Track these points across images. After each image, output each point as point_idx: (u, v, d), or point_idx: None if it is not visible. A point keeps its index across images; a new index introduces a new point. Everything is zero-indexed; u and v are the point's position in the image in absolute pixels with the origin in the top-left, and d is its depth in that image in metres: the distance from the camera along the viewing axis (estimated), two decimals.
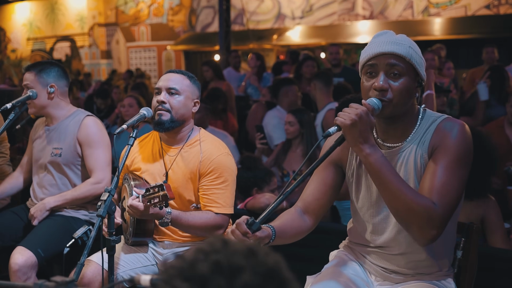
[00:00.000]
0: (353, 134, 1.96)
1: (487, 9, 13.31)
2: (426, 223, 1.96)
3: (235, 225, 2.00)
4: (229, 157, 2.86)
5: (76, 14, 20.04)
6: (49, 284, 1.44)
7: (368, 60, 2.10)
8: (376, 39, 2.12)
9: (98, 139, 3.40)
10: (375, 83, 2.06)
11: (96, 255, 2.74)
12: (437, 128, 2.08)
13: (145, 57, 18.64)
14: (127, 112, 5.48)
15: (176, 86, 2.82)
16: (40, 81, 3.40)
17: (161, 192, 2.41)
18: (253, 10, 16.22)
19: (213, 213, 2.73)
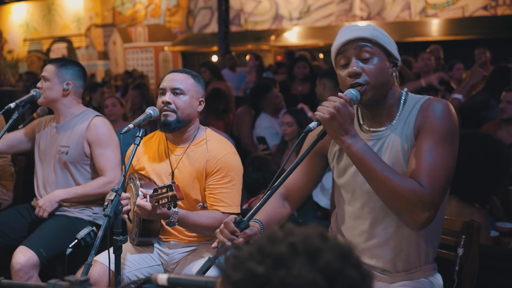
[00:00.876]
0: (333, 127, 1.98)
1: (485, 10, 13.35)
2: (415, 206, 1.94)
3: (223, 224, 2.02)
4: (236, 156, 2.87)
5: (73, 15, 20.02)
6: (63, 284, 1.45)
7: (337, 52, 2.12)
8: (341, 33, 2.15)
9: (108, 139, 3.43)
10: (349, 70, 2.08)
11: (101, 255, 2.75)
12: (421, 108, 2.09)
13: (142, 58, 18.63)
14: (111, 111, 5.52)
15: (181, 86, 2.82)
16: (59, 75, 3.44)
17: (170, 192, 2.41)
18: (250, 11, 16.24)
19: (220, 213, 2.74)
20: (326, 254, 0.98)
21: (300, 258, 0.97)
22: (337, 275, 0.96)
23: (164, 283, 1.31)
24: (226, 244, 1.98)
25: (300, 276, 0.95)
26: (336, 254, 0.99)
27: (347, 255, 1.01)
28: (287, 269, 0.96)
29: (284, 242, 0.99)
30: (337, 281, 0.96)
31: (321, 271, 0.96)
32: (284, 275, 0.95)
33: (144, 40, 18.75)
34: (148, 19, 18.96)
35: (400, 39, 12.56)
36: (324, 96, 5.28)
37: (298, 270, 0.96)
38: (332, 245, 1.00)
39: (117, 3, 19.46)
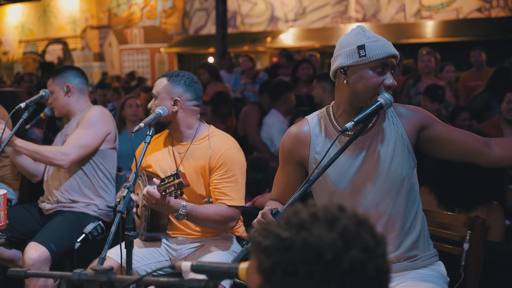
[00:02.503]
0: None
1: (479, 12, 13.46)
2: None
3: (261, 214, 2.10)
4: (239, 151, 2.93)
5: (69, 16, 20.02)
6: (89, 272, 1.50)
7: (385, 57, 2.20)
8: (373, 35, 2.24)
9: (92, 123, 3.47)
10: (389, 81, 2.21)
11: (112, 251, 2.79)
12: (398, 113, 2.32)
13: (138, 60, 18.65)
14: (136, 112, 5.52)
15: (154, 91, 2.96)
16: (57, 83, 3.59)
17: (177, 180, 2.47)
18: (246, 12, 16.29)
19: (225, 206, 2.81)
20: (343, 220, 1.12)
21: (320, 223, 1.11)
22: (353, 238, 1.09)
23: (187, 269, 1.36)
24: None
25: (320, 237, 1.09)
26: (352, 221, 1.12)
27: (363, 222, 1.14)
28: (309, 232, 1.09)
29: (307, 212, 1.14)
30: (353, 243, 1.09)
31: (338, 234, 1.09)
32: (306, 236, 1.09)
33: (140, 42, 18.78)
34: (144, 21, 18.98)
35: (395, 40, 12.63)
36: (324, 99, 5.30)
37: (318, 232, 1.09)
38: (349, 215, 1.14)
39: (113, 4, 19.47)
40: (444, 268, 2.37)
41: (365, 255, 1.09)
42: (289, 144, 2.40)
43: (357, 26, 2.29)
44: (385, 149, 2.26)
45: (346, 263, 1.07)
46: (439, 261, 2.38)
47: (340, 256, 1.07)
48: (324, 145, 2.33)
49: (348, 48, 2.21)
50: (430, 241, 2.39)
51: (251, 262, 1.16)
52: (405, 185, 2.26)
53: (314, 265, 1.07)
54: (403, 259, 2.28)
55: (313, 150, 2.35)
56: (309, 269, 1.07)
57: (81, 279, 1.48)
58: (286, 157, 2.42)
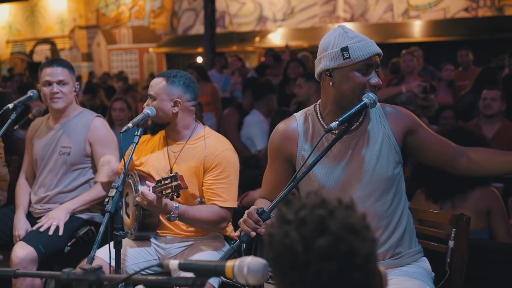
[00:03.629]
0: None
1: (466, 12, 13.55)
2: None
3: (247, 214, 2.12)
4: (233, 153, 2.95)
5: (57, 16, 19.93)
6: (77, 271, 1.51)
7: (369, 57, 2.22)
8: (355, 35, 2.25)
9: (109, 139, 3.50)
10: (374, 80, 2.24)
11: (100, 251, 2.79)
12: (386, 114, 2.35)
13: (127, 60, 18.60)
14: (119, 116, 5.55)
15: (151, 92, 2.94)
16: (72, 77, 3.51)
17: (174, 182, 2.48)
18: (234, 12, 16.30)
19: (217, 207, 2.83)
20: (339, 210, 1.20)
21: (320, 210, 1.19)
22: (335, 209, 1.18)
23: (175, 268, 1.38)
24: (250, 234, 2.09)
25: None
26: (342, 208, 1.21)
27: (351, 207, 1.21)
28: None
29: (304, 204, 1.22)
30: (335, 213, 1.17)
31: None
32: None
33: (128, 42, 18.73)
34: (132, 21, 18.93)
35: (383, 40, 12.71)
36: (311, 98, 5.33)
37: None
38: (341, 202, 1.22)
39: (101, 4, 19.41)
40: (428, 264, 2.40)
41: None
42: (277, 141, 2.43)
43: (338, 26, 2.31)
44: (371, 149, 2.28)
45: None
46: (423, 257, 2.41)
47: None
48: (311, 142, 2.35)
49: (332, 51, 2.23)
50: (415, 238, 2.42)
51: None
52: (391, 184, 2.29)
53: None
54: (388, 256, 2.31)
55: (300, 147, 2.38)
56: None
57: (70, 278, 1.49)
58: (274, 154, 2.45)
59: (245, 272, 1.27)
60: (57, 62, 3.46)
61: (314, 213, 1.16)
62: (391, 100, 6.00)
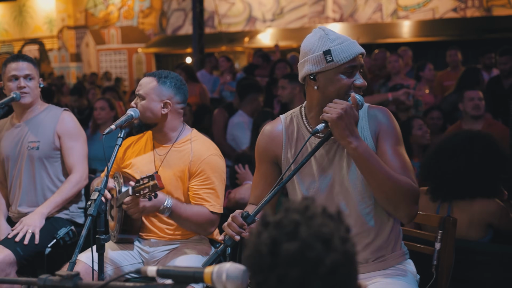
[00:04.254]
0: (340, 127, 2.09)
1: (454, 12, 13.61)
2: (411, 200, 2.14)
3: (231, 218, 2.09)
4: (220, 158, 2.91)
5: (45, 16, 19.83)
6: (54, 278, 1.48)
7: (351, 60, 2.18)
8: (337, 36, 2.21)
9: (78, 133, 3.48)
10: (359, 82, 2.20)
11: (83, 255, 2.76)
12: (369, 115, 2.27)
13: (116, 60, 18.53)
14: (99, 115, 5.53)
15: (140, 91, 2.88)
16: (37, 72, 3.47)
17: (151, 182, 2.46)
18: (224, 12, 16.28)
19: (207, 209, 2.80)
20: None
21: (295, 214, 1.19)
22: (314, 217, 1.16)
23: (153, 274, 1.35)
24: (235, 238, 2.05)
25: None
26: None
27: (328, 213, 1.20)
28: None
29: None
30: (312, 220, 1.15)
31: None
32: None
33: (117, 42, 18.65)
34: (121, 21, 18.87)
35: (372, 40, 12.75)
36: (294, 99, 5.32)
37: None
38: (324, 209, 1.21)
39: (90, 4, 19.33)
40: (413, 267, 2.38)
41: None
42: (263, 143, 2.40)
43: (319, 28, 2.27)
44: None
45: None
46: (409, 259, 2.39)
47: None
48: (296, 145, 2.32)
49: (314, 54, 2.19)
50: (401, 241, 2.39)
51: None
52: None
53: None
54: (372, 259, 2.29)
55: (286, 150, 2.35)
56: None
57: (47, 285, 1.46)
58: (261, 156, 2.42)
59: (224, 278, 1.24)
60: (22, 57, 3.42)
61: (290, 217, 1.14)
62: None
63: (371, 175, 2.12)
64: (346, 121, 2.09)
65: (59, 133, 3.43)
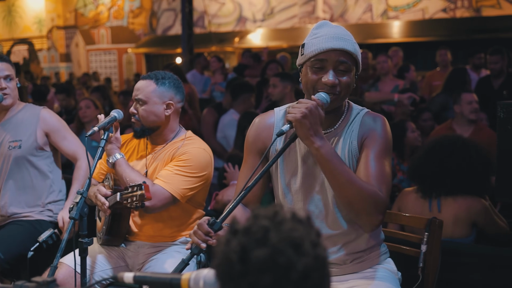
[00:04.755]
0: (304, 127, 2.03)
1: (444, 13, 13.65)
2: (375, 209, 2.06)
3: (197, 225, 2.03)
4: (206, 153, 2.86)
5: (34, 16, 19.72)
6: (30, 284, 1.45)
7: (317, 54, 2.13)
8: (321, 31, 2.16)
9: (63, 124, 3.48)
10: (325, 79, 2.11)
11: (67, 257, 2.72)
12: (363, 120, 2.21)
13: (106, 60, 18.46)
14: (85, 113, 5.54)
15: (140, 96, 2.83)
16: (14, 73, 3.40)
17: (139, 191, 2.44)
18: (214, 13, 16.25)
19: (151, 181, 2.71)
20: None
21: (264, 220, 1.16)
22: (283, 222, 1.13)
23: (130, 281, 1.32)
24: (201, 246, 1.99)
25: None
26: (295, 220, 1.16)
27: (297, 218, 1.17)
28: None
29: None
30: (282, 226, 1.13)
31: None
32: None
33: (107, 42, 18.58)
34: (111, 21, 18.80)
35: (362, 41, 12.74)
36: (285, 98, 5.32)
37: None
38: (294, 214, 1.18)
39: (79, 4, 19.24)
40: (393, 265, 2.34)
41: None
42: (253, 134, 2.35)
43: (323, 21, 2.24)
44: (340, 152, 2.20)
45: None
46: (388, 258, 2.35)
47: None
48: (285, 139, 2.27)
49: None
50: (381, 240, 2.35)
51: None
52: None
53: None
54: (349, 260, 2.26)
55: (274, 144, 2.31)
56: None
57: None
58: (249, 148, 2.36)
59: (201, 285, 1.22)
60: (0, 58, 3.35)
61: (259, 224, 1.11)
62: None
63: (332, 177, 2.07)
64: (310, 120, 2.02)
65: (45, 131, 3.40)
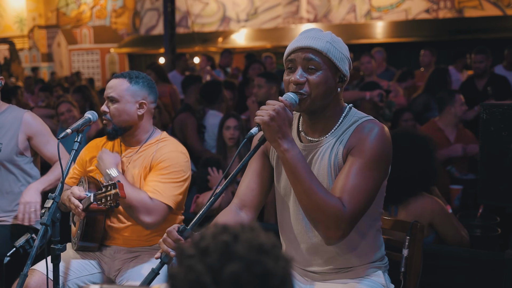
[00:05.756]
0: (272, 129, 1.97)
1: (427, 13, 13.70)
2: (333, 223, 1.96)
3: (166, 233, 1.96)
4: (183, 156, 2.80)
5: (15, 15, 19.50)
6: None
7: (288, 55, 2.11)
8: (300, 35, 2.13)
9: (46, 128, 3.37)
10: (292, 77, 2.08)
11: (40, 264, 2.64)
12: (356, 128, 2.09)
13: (88, 60, 18.31)
14: (67, 118, 5.47)
15: (113, 94, 2.77)
16: None
17: (113, 190, 2.39)
18: (198, 12, 16.17)
19: (147, 195, 2.65)
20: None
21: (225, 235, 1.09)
22: (239, 233, 1.08)
23: None
24: (170, 254, 1.92)
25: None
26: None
27: (248, 226, 1.12)
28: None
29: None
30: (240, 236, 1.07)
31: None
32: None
33: (89, 42, 18.42)
34: (94, 21, 18.65)
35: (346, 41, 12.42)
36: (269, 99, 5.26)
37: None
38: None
39: (61, 4, 19.06)
40: (382, 279, 2.25)
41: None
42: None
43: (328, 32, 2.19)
44: (326, 161, 2.13)
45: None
46: (379, 271, 2.26)
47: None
48: None
49: None
50: (376, 251, 2.27)
51: None
52: None
53: None
54: (336, 270, 2.21)
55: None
56: None
57: None
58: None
59: None
60: None
61: (217, 239, 1.05)
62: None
63: (295, 182, 2.00)
64: (278, 122, 1.96)
65: (28, 135, 3.29)
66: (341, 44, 2.13)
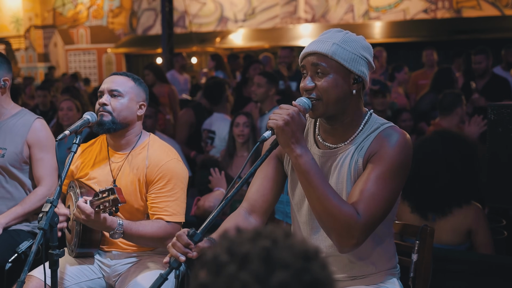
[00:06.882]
0: (286, 134, 1.93)
1: (425, 13, 13.68)
2: (346, 231, 1.93)
3: (176, 237, 1.91)
4: (179, 163, 2.74)
5: (11, 15, 19.38)
6: None
7: (300, 61, 2.10)
8: (311, 41, 2.11)
9: (49, 143, 3.20)
10: (302, 84, 2.06)
11: (38, 270, 2.58)
12: (378, 135, 2.05)
13: (85, 60, 18.22)
14: (67, 115, 5.32)
15: (118, 88, 2.71)
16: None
17: (112, 196, 2.30)
18: (195, 12, 16.10)
19: (164, 222, 2.62)
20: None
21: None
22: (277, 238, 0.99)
23: None
24: (180, 259, 1.86)
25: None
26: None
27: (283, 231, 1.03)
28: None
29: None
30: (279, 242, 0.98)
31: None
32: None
33: (86, 42, 18.32)
34: (90, 21, 18.56)
35: None
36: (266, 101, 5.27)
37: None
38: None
39: (58, 3, 18.96)
40: (397, 286, 2.21)
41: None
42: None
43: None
44: (346, 169, 2.07)
45: None
46: (393, 279, 2.21)
47: None
48: None
49: None
50: (388, 258, 2.22)
51: None
52: None
53: None
54: (351, 278, 2.15)
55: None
56: None
57: None
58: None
59: None
60: None
61: (257, 245, 0.96)
62: None
63: (307, 189, 1.97)
64: (292, 127, 1.93)
65: (29, 143, 3.17)
66: (355, 43, 2.06)
